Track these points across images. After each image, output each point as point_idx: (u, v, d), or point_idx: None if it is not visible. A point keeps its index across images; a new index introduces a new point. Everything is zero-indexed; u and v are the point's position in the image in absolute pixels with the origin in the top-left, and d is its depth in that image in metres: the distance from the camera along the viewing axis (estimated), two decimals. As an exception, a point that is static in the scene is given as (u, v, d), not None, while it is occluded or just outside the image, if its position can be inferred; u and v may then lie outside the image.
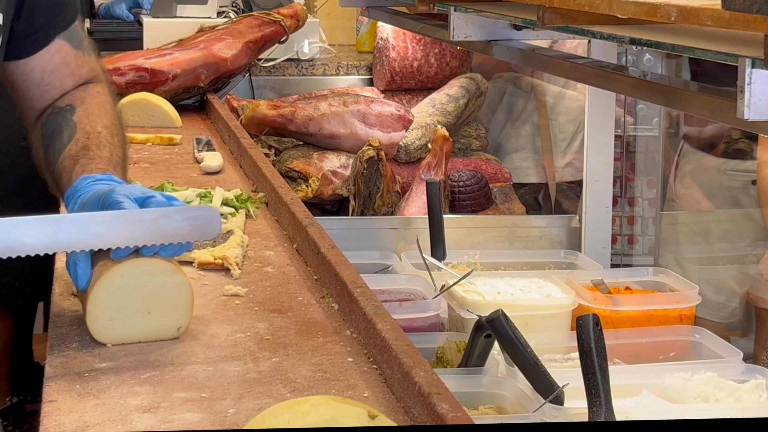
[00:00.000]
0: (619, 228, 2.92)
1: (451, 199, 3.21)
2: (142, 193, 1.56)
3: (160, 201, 1.55)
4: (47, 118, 1.78)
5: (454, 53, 3.81)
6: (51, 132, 1.75)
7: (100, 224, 1.49)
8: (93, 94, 1.80)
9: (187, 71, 3.40)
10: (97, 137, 1.72)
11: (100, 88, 1.83)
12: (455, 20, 2.36)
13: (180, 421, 1.33)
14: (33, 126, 1.81)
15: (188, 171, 2.67)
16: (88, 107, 1.77)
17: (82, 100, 1.78)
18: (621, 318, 2.23)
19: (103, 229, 1.49)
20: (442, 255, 2.45)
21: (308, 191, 3.16)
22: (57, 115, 1.76)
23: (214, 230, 1.54)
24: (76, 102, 1.78)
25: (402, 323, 1.67)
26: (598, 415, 1.64)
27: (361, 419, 1.18)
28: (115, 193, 1.55)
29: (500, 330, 1.75)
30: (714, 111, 1.66)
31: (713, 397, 1.88)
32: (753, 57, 1.38)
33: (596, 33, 1.81)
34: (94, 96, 1.80)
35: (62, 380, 1.44)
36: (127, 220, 1.50)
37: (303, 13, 3.73)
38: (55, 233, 1.47)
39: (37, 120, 1.80)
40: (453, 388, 1.39)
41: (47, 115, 1.78)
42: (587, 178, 2.77)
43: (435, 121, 3.42)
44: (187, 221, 1.52)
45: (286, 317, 1.67)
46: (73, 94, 1.79)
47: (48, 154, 1.74)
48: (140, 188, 1.59)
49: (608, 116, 2.74)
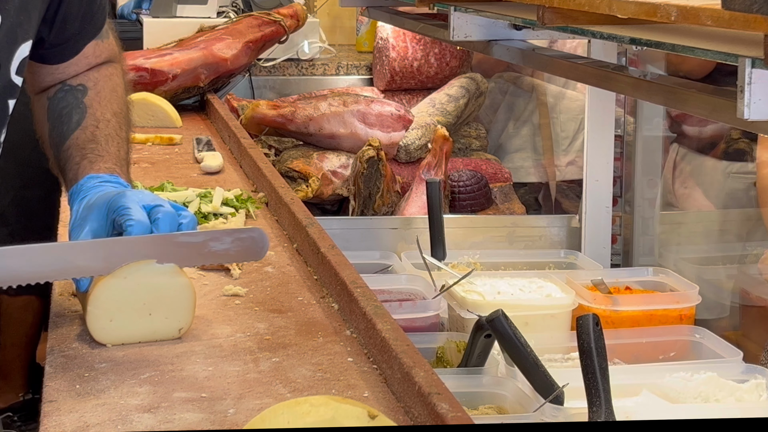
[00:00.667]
0: (619, 228, 2.91)
1: (451, 199, 3.21)
2: (152, 200, 1.55)
3: (168, 211, 1.54)
4: (56, 94, 1.75)
5: (454, 53, 3.81)
6: (59, 110, 1.73)
7: (152, 247, 1.51)
8: (106, 75, 1.78)
9: (187, 71, 3.40)
10: (106, 127, 1.70)
11: (114, 69, 1.80)
12: (455, 20, 2.36)
13: (180, 421, 1.33)
14: (37, 95, 1.78)
15: (188, 171, 2.67)
16: (100, 91, 1.75)
17: (95, 82, 1.75)
18: (621, 318, 2.23)
19: (156, 251, 1.51)
20: (442, 255, 2.45)
21: (308, 191, 3.16)
22: (68, 94, 1.74)
23: (262, 251, 1.55)
24: (88, 83, 1.75)
25: (402, 323, 1.67)
26: (598, 415, 1.64)
27: (361, 419, 1.18)
28: (125, 198, 1.54)
29: (500, 330, 1.75)
30: (714, 111, 1.66)
31: (713, 397, 1.88)
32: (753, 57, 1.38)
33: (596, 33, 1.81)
34: (107, 78, 1.77)
35: (62, 380, 1.44)
36: (178, 243, 1.52)
37: (303, 13, 3.73)
38: (109, 256, 1.50)
39: (43, 92, 1.77)
40: (453, 388, 1.39)
41: (56, 91, 1.75)
42: (587, 178, 2.77)
43: (435, 121, 3.42)
44: (236, 243, 1.54)
45: (286, 317, 1.67)
46: (87, 74, 1.76)
47: (54, 133, 1.72)
48: (150, 195, 1.58)
49: (608, 116, 2.74)
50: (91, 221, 1.54)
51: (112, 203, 1.54)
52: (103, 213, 1.54)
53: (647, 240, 2.92)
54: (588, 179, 2.77)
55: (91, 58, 1.77)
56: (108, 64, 1.80)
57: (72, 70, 1.76)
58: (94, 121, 1.71)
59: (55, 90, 1.76)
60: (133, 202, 1.53)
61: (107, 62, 1.80)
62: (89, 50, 1.77)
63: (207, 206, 2.20)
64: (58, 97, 1.75)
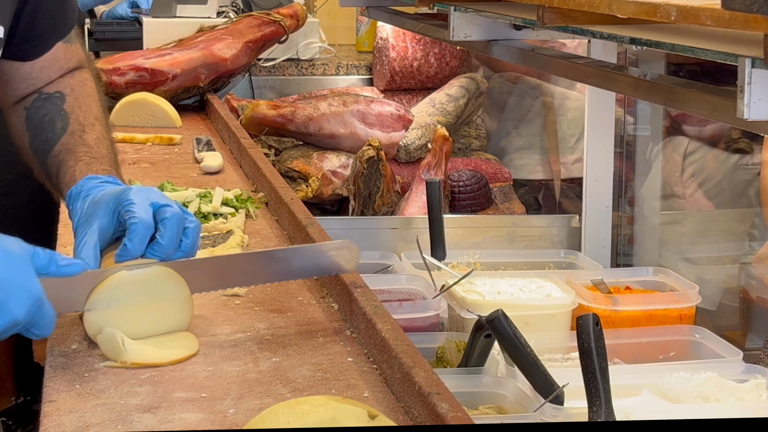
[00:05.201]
0: (619, 228, 2.92)
1: (451, 199, 3.21)
2: (160, 199, 1.55)
3: (176, 212, 1.54)
4: (33, 103, 1.75)
5: (454, 53, 3.81)
6: (40, 118, 1.73)
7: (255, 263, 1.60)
8: (80, 81, 1.79)
9: (186, 71, 3.40)
10: (92, 131, 1.71)
11: (87, 74, 1.81)
12: (455, 20, 2.36)
13: (180, 421, 1.33)
14: (11, 107, 1.78)
15: (188, 171, 2.67)
16: (78, 96, 1.76)
17: (71, 88, 1.76)
18: (621, 318, 2.23)
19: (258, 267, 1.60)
20: (442, 255, 2.45)
21: (308, 191, 3.16)
22: (46, 102, 1.74)
23: (353, 261, 1.64)
24: (65, 90, 1.76)
25: (402, 323, 1.67)
26: (598, 415, 1.64)
27: (361, 419, 1.18)
28: (133, 194, 1.54)
29: (500, 330, 1.75)
30: (714, 111, 1.66)
31: (713, 396, 1.88)
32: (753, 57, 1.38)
33: (596, 33, 1.81)
34: (82, 84, 1.78)
35: (62, 380, 1.44)
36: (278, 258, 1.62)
37: (303, 13, 3.73)
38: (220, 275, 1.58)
39: (18, 102, 1.78)
40: (453, 388, 1.39)
41: (33, 100, 1.75)
42: (587, 178, 2.77)
43: (435, 120, 3.43)
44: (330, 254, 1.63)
45: (286, 317, 1.67)
46: (61, 81, 1.77)
47: (36, 141, 1.72)
48: (158, 193, 1.57)
49: (608, 116, 2.74)
50: (99, 217, 1.54)
51: (120, 198, 1.54)
52: (111, 208, 1.54)
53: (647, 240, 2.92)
54: (588, 179, 2.77)
55: (63, 62, 1.78)
56: (80, 70, 1.81)
57: (45, 75, 1.77)
58: (79, 126, 1.71)
59: (31, 99, 1.76)
60: (140, 199, 1.53)
61: (78, 68, 1.81)
62: (60, 53, 1.78)
63: (207, 206, 2.20)
64: (36, 106, 1.75)
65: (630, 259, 2.92)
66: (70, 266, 1.45)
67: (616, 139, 2.83)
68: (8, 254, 1.34)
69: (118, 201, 1.54)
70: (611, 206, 2.78)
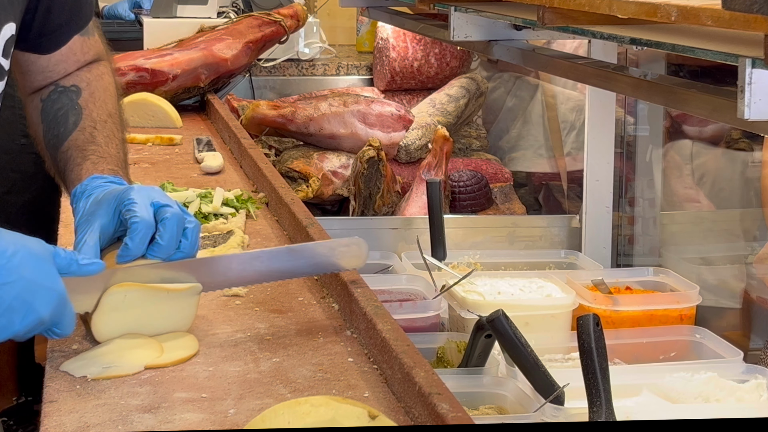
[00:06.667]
0: (620, 228, 2.91)
1: (452, 199, 3.21)
2: (161, 198, 1.55)
3: (176, 212, 1.54)
4: (49, 95, 1.75)
5: (454, 53, 3.81)
6: (54, 112, 1.73)
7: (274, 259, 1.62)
8: (97, 76, 1.79)
9: (187, 71, 3.40)
10: (104, 128, 1.71)
11: (104, 68, 1.81)
12: (455, 20, 2.36)
13: (180, 422, 1.33)
14: (29, 97, 1.79)
15: (188, 171, 2.67)
16: (93, 91, 1.76)
17: (88, 83, 1.76)
18: (621, 318, 2.23)
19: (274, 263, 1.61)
20: (442, 255, 2.45)
21: (308, 191, 3.16)
22: (61, 95, 1.75)
23: (362, 258, 1.65)
24: (81, 83, 1.76)
25: (402, 323, 1.67)
26: (599, 415, 1.64)
27: (362, 419, 1.19)
28: (134, 193, 1.54)
29: (500, 330, 1.75)
30: (714, 111, 1.66)
31: (714, 397, 1.88)
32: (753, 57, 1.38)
33: (596, 33, 1.81)
34: (99, 78, 1.78)
35: (62, 380, 1.44)
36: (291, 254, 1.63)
37: (303, 13, 3.73)
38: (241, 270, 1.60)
39: (35, 93, 1.78)
40: (453, 388, 1.39)
41: (50, 92, 1.76)
42: (587, 178, 2.77)
43: (435, 121, 3.43)
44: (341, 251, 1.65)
45: (287, 317, 1.67)
46: (78, 74, 1.77)
47: (49, 134, 1.72)
48: (160, 193, 1.57)
49: (608, 116, 2.74)
50: (100, 216, 1.54)
51: (121, 197, 1.54)
52: (112, 207, 1.54)
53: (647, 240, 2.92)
54: (588, 179, 2.77)
55: (79, 55, 1.78)
56: (97, 63, 1.81)
57: (62, 68, 1.77)
58: (91, 122, 1.71)
59: (48, 91, 1.76)
60: (141, 199, 1.53)
61: (96, 60, 1.81)
62: (77, 46, 1.77)
63: (207, 206, 2.20)
64: (52, 98, 1.75)
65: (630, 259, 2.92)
66: (91, 265, 1.45)
67: (617, 140, 2.82)
68: (33, 255, 1.35)
69: (119, 200, 1.54)
70: (611, 206, 2.78)
